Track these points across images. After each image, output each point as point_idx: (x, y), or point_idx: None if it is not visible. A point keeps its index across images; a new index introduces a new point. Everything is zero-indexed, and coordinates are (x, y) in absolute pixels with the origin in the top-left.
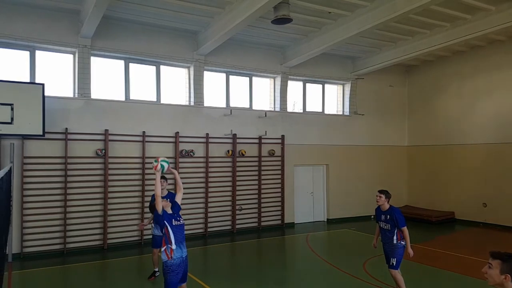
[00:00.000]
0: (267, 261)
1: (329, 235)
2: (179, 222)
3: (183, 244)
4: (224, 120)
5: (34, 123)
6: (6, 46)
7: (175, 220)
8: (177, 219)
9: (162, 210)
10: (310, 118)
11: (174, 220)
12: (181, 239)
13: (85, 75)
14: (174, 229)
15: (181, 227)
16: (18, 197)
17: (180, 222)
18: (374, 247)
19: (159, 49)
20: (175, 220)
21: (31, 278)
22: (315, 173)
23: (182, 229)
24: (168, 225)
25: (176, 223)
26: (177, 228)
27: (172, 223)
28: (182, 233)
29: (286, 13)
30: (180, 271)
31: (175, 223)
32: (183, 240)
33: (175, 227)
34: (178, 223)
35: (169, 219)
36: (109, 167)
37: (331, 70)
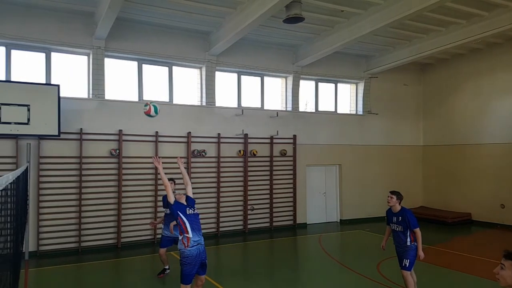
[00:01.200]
0: (280, 262)
1: (342, 236)
2: (194, 211)
3: (199, 232)
4: (236, 120)
5: (50, 123)
6: (22, 48)
7: (189, 209)
8: (191, 208)
9: (174, 201)
10: (323, 118)
11: (188, 209)
12: (197, 228)
13: (99, 76)
14: (189, 218)
15: (196, 216)
16: (35, 196)
17: (194, 211)
18: (383, 249)
19: (171, 50)
20: (189, 209)
21: (47, 275)
22: (327, 173)
23: (197, 218)
24: (182, 214)
25: (190, 211)
26: (192, 217)
27: (186, 212)
28: (198, 222)
29: (298, 12)
30: (197, 263)
31: (189, 211)
32: (199, 229)
33: (189, 216)
34: (193, 211)
35: (182, 209)
36: (123, 167)
37: (344, 69)
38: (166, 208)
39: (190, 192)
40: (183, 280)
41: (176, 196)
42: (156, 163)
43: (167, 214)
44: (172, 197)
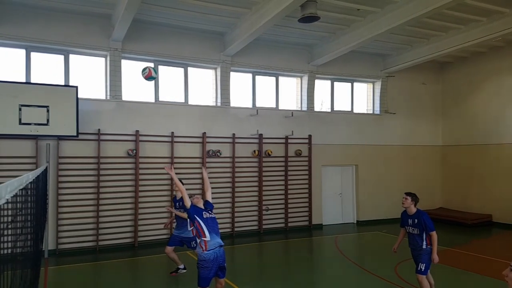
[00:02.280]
0: (295, 263)
1: (359, 237)
2: (211, 215)
3: (217, 235)
4: (250, 120)
5: (68, 124)
6: (42, 50)
7: (206, 213)
8: (209, 212)
9: (190, 205)
10: (339, 118)
11: (205, 213)
12: (215, 231)
13: (116, 78)
14: (206, 221)
15: (213, 219)
16: (54, 195)
17: (211, 215)
18: (394, 252)
19: (187, 51)
20: (206, 213)
21: (66, 274)
22: (343, 173)
23: (214, 221)
24: (199, 217)
25: (207, 215)
26: (209, 220)
27: (202, 216)
28: (215, 226)
29: (313, 11)
30: (214, 266)
31: (206, 215)
32: (217, 232)
33: (206, 220)
34: (210, 215)
35: (198, 213)
36: (140, 167)
37: (361, 68)
38: (177, 209)
39: (210, 197)
40: (200, 283)
41: (193, 200)
42: (168, 170)
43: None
44: (188, 201)
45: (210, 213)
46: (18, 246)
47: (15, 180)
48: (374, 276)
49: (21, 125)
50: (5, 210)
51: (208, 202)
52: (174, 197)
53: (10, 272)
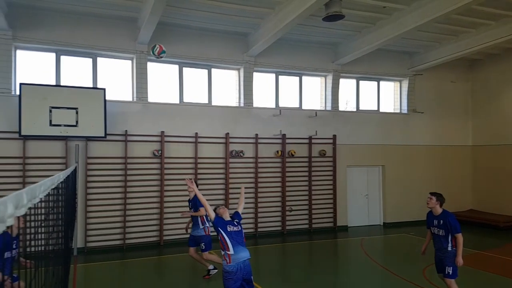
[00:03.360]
0: (319, 264)
1: (386, 239)
2: (236, 228)
3: (243, 248)
4: (273, 121)
5: (96, 125)
6: (71, 54)
7: (231, 226)
8: (234, 225)
9: (214, 217)
10: (364, 117)
11: (230, 226)
12: (240, 244)
13: (143, 80)
14: (230, 235)
15: (238, 233)
16: (82, 195)
17: (236, 228)
18: (422, 254)
19: (211, 53)
20: (231, 226)
21: (94, 271)
22: (370, 174)
23: (239, 234)
24: (222, 230)
25: (231, 228)
26: (233, 234)
27: (226, 229)
28: (240, 239)
29: (338, 10)
30: (239, 279)
31: (230, 229)
32: (242, 245)
33: (230, 233)
34: (235, 229)
35: (223, 225)
36: (165, 167)
37: (387, 67)
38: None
39: (241, 210)
40: None
41: (219, 210)
42: (190, 184)
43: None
44: (212, 214)
45: (236, 226)
46: (51, 243)
47: (47, 180)
48: (402, 279)
49: (51, 126)
50: (39, 208)
51: (237, 213)
52: (189, 200)
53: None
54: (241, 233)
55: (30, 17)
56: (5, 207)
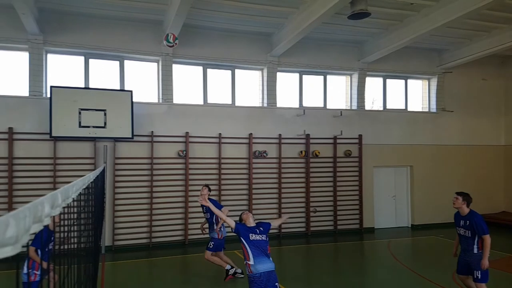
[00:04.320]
0: (345, 267)
1: (414, 242)
2: (259, 237)
3: (264, 259)
4: (297, 121)
5: (124, 126)
6: (99, 57)
7: (254, 234)
8: (256, 233)
9: (234, 224)
10: (391, 116)
11: (252, 234)
12: (262, 254)
13: (168, 82)
14: (251, 244)
15: (261, 242)
16: (110, 194)
17: (259, 237)
18: (454, 256)
19: (234, 54)
20: (254, 234)
21: (121, 269)
22: (397, 175)
23: (262, 244)
24: (244, 239)
25: (254, 237)
26: (256, 243)
27: (248, 238)
28: (262, 248)
29: (363, 8)
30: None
31: (252, 237)
32: (264, 255)
33: (252, 242)
34: (257, 237)
35: (245, 233)
36: (190, 167)
37: (415, 64)
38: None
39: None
40: None
41: (243, 216)
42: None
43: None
44: (231, 223)
45: (259, 235)
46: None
47: (79, 180)
48: (432, 283)
49: (80, 127)
50: (72, 207)
51: (268, 223)
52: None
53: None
54: (265, 243)
55: (60, 22)
56: (42, 207)
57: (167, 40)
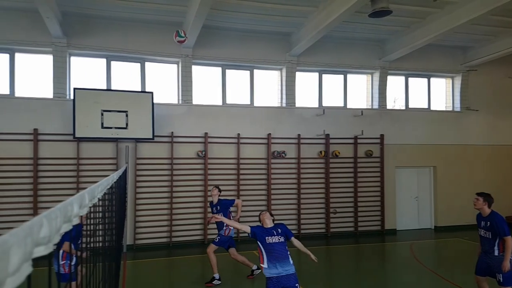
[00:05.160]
0: (366, 269)
1: (438, 244)
2: (276, 239)
3: (280, 263)
4: (317, 120)
5: (145, 127)
6: (120, 59)
7: (270, 237)
8: (273, 235)
9: (250, 228)
10: (414, 115)
11: (269, 237)
12: (277, 258)
13: (187, 83)
14: (267, 247)
15: (277, 245)
16: (132, 194)
17: (276, 240)
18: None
19: (253, 54)
20: (270, 237)
21: (142, 267)
22: (420, 175)
23: (278, 247)
24: (260, 243)
25: (270, 240)
26: (271, 246)
27: (265, 240)
28: (279, 252)
29: (385, 5)
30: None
31: (269, 240)
32: (280, 259)
33: (268, 245)
34: (275, 239)
35: (261, 235)
36: (209, 167)
37: (438, 62)
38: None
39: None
40: None
41: (260, 216)
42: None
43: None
44: (247, 228)
45: (276, 236)
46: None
47: (104, 180)
48: (456, 286)
49: (103, 129)
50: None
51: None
52: (210, 202)
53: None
54: (283, 245)
55: (82, 25)
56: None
57: (179, 35)
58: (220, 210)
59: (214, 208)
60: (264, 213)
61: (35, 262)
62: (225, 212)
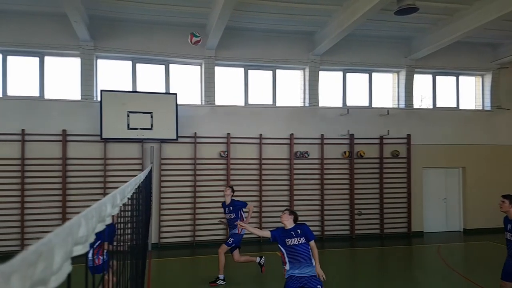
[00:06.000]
0: (392, 272)
1: (467, 247)
2: (295, 241)
3: (300, 264)
4: (340, 120)
5: (169, 128)
6: (145, 61)
7: (290, 239)
8: (292, 237)
9: (271, 235)
10: (442, 115)
11: (289, 239)
12: (297, 260)
13: (210, 84)
14: (287, 249)
15: (297, 246)
16: (157, 193)
17: (296, 241)
18: None
19: (276, 54)
20: (290, 239)
21: (167, 266)
22: (449, 176)
23: (298, 248)
24: (281, 246)
25: (289, 242)
26: (291, 248)
27: (285, 244)
28: (299, 253)
29: (411, 3)
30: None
31: (289, 242)
32: (301, 261)
33: (287, 247)
34: (293, 242)
35: (281, 239)
36: (231, 168)
37: (467, 60)
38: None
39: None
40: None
41: (281, 218)
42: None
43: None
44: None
45: (296, 238)
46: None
47: (132, 180)
48: None
49: (129, 129)
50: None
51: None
52: (223, 203)
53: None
54: (303, 246)
55: (109, 28)
56: (105, 207)
57: (195, 36)
58: (233, 211)
59: (227, 209)
60: (282, 215)
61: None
62: (237, 214)
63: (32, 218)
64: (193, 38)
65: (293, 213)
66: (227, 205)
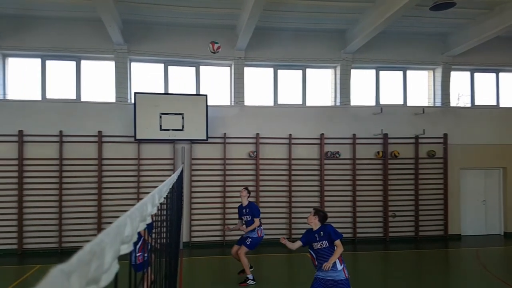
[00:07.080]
0: (428, 276)
1: (508, 251)
2: (319, 245)
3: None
4: (373, 119)
5: (199, 129)
6: (177, 64)
7: (315, 243)
8: (316, 240)
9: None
10: (481, 113)
11: (316, 243)
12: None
13: (240, 85)
14: (314, 252)
15: (321, 250)
16: (187, 193)
17: (319, 245)
18: None
19: (306, 53)
20: (315, 243)
21: (197, 264)
22: (488, 177)
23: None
24: (310, 250)
25: (316, 246)
26: (317, 252)
27: (313, 247)
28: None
29: None
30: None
31: (316, 246)
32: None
33: (314, 251)
34: (317, 246)
35: (309, 242)
36: (260, 168)
37: (508, 56)
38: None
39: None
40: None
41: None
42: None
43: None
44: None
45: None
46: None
47: (167, 181)
48: None
49: (161, 131)
50: (163, 204)
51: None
52: (240, 205)
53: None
54: (325, 250)
55: (141, 32)
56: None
57: (215, 43)
58: (249, 212)
59: (244, 211)
60: (308, 217)
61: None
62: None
63: (70, 217)
64: (215, 45)
65: (318, 212)
66: (244, 207)
